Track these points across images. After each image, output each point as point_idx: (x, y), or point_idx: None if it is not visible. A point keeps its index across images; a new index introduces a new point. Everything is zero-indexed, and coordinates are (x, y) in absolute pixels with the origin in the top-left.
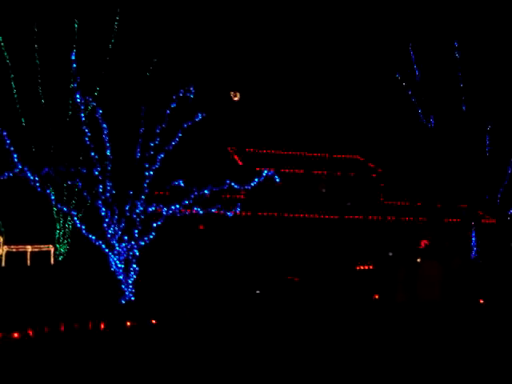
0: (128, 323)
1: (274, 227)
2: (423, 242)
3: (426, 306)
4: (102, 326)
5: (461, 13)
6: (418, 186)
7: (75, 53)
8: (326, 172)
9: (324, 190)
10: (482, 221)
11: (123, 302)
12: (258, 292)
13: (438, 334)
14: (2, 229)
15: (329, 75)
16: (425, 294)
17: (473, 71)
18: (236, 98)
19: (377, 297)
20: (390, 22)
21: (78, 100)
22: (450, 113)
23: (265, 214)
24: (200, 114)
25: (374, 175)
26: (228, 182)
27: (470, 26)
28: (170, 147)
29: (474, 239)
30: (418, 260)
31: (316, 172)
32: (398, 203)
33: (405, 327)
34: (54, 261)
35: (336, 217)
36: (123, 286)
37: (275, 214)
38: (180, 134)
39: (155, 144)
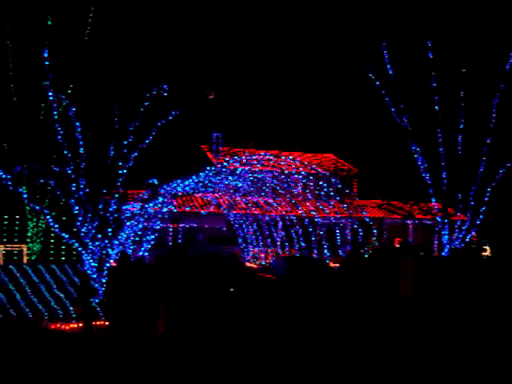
0: (95, 323)
1: (248, 224)
2: (397, 240)
3: (401, 302)
4: (71, 326)
5: (434, 11)
6: (392, 184)
7: (48, 50)
8: (299, 170)
9: (297, 188)
10: (453, 218)
11: (96, 300)
12: (231, 290)
13: (414, 329)
14: None
15: (306, 75)
16: (400, 291)
17: (446, 71)
18: (211, 97)
19: (347, 296)
20: (364, 20)
21: (51, 98)
22: (423, 112)
23: (238, 211)
24: (174, 112)
25: (348, 173)
26: (202, 180)
27: (442, 25)
28: (144, 145)
29: (446, 237)
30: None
31: (289, 170)
32: (372, 201)
33: (381, 323)
34: (27, 260)
35: (310, 215)
36: (97, 285)
37: (249, 212)
38: (154, 132)
39: (129, 142)
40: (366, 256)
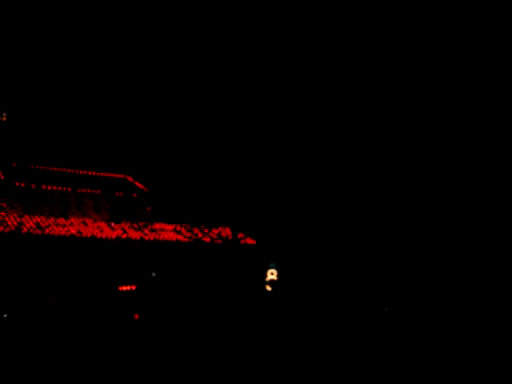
0: None
1: (28, 246)
2: None
3: None
4: None
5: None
6: (185, 207)
7: None
8: (90, 191)
9: (88, 209)
10: (242, 242)
11: None
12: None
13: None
14: None
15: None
16: None
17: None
18: (3, 119)
19: (137, 317)
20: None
21: None
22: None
23: (18, 231)
24: None
25: (140, 195)
26: None
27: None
28: None
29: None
30: None
31: (81, 190)
32: (165, 226)
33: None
34: None
35: (102, 236)
36: None
37: (32, 232)
38: None
39: None
40: None
